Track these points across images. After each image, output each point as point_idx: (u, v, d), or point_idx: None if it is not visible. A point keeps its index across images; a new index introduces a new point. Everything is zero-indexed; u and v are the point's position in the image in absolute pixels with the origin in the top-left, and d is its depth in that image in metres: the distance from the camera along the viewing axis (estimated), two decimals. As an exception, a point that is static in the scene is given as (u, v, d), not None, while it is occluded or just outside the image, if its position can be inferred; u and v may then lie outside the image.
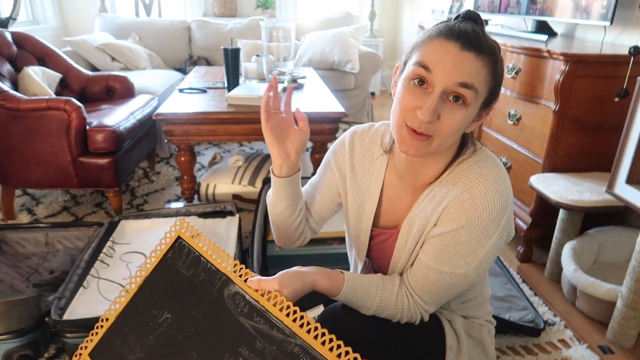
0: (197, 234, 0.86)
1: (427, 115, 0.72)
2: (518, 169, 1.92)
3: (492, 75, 0.75)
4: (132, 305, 0.85)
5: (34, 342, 1.29)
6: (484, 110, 0.79)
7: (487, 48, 0.74)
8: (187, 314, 0.79)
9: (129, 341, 0.82)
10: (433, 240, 0.82)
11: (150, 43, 3.71)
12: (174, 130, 1.95)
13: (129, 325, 0.83)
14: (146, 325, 0.82)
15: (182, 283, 0.83)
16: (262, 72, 2.54)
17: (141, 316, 0.83)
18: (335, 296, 0.83)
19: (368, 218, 0.95)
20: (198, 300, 0.80)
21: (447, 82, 0.72)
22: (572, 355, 1.37)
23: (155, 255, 0.88)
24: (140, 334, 0.81)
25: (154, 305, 0.83)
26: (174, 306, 0.82)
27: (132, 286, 0.87)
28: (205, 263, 0.82)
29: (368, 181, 0.95)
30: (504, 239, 0.82)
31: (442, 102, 0.73)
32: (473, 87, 0.72)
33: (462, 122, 0.75)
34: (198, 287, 0.81)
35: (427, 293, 0.83)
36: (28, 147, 1.93)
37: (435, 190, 0.84)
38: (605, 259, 1.70)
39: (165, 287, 0.84)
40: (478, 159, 0.82)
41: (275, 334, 0.71)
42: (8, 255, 1.79)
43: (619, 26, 1.92)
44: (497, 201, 0.77)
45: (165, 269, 0.86)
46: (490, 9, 2.56)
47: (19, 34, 2.42)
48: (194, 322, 0.78)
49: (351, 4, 4.75)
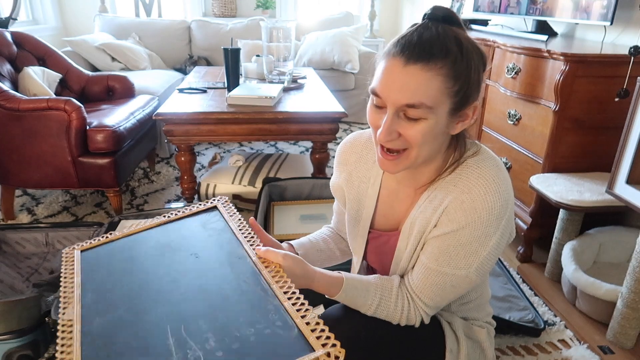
0: (234, 213, 0.97)
1: (382, 136, 0.75)
2: (518, 169, 1.92)
3: (452, 80, 0.72)
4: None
5: (34, 342, 1.29)
6: (459, 112, 0.76)
7: (439, 52, 0.71)
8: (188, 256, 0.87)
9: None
10: (434, 241, 0.82)
11: (150, 43, 3.71)
12: (174, 130, 1.95)
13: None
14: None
15: (198, 236, 0.92)
16: (262, 72, 2.54)
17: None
18: (335, 295, 0.83)
19: (365, 222, 0.96)
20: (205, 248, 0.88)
21: (395, 104, 0.73)
22: (572, 355, 1.37)
23: (189, 211, 1.00)
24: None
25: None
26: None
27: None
28: (230, 231, 0.91)
29: (365, 187, 0.95)
30: (505, 239, 0.82)
31: (399, 119, 0.74)
32: (422, 105, 0.71)
33: (426, 133, 0.74)
34: (210, 242, 0.90)
35: (427, 295, 0.83)
36: (28, 147, 1.93)
37: (435, 191, 0.83)
38: (605, 259, 1.70)
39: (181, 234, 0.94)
40: (478, 159, 0.81)
41: (258, 290, 0.75)
42: (8, 255, 1.79)
43: (619, 26, 1.92)
44: (497, 201, 0.77)
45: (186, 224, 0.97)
46: (490, 9, 2.56)
47: (19, 34, 2.42)
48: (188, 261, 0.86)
49: (351, 4, 4.75)
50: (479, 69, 0.76)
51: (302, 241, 1.06)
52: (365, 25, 4.22)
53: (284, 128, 2.01)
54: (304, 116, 2.02)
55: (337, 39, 3.56)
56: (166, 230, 0.96)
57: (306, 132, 2.04)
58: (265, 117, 1.97)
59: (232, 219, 0.94)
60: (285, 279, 0.75)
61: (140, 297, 0.77)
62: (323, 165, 2.17)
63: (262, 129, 2.00)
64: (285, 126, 2.01)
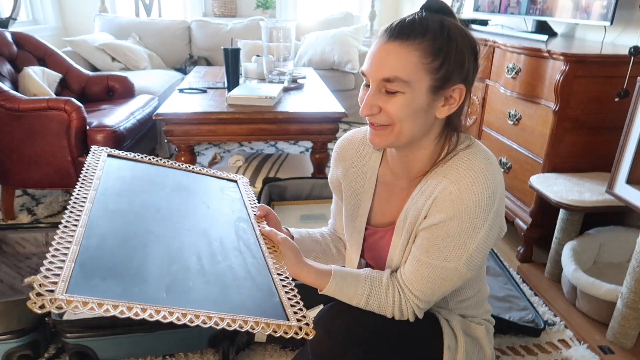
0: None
1: (364, 109, 0.79)
2: (518, 169, 1.92)
3: (430, 56, 0.74)
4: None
5: (34, 342, 1.29)
6: (440, 91, 0.77)
7: (419, 30, 0.75)
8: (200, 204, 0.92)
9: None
10: (424, 233, 0.83)
11: (150, 43, 3.71)
12: (174, 131, 1.95)
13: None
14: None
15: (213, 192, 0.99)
16: (262, 72, 2.55)
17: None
18: (325, 286, 0.84)
19: (362, 218, 0.96)
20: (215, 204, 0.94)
21: (375, 78, 0.78)
22: (572, 355, 1.37)
23: (212, 172, 1.06)
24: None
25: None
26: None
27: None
28: (242, 204, 0.98)
29: (362, 182, 0.96)
30: (495, 233, 0.82)
31: (380, 94, 0.78)
32: (397, 79, 0.75)
33: (405, 108, 0.77)
34: (223, 203, 0.96)
35: (418, 287, 0.84)
36: (28, 147, 1.93)
37: (427, 183, 0.84)
38: (605, 259, 1.70)
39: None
40: (469, 152, 0.82)
41: (253, 255, 0.81)
42: (8, 255, 1.79)
43: (619, 26, 1.92)
44: (484, 193, 0.77)
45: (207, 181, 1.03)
46: (490, 9, 2.56)
47: (19, 34, 2.42)
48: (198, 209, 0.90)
49: (351, 4, 4.75)
50: (464, 50, 0.77)
51: (300, 230, 1.09)
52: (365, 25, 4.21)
53: (284, 128, 2.01)
54: (304, 116, 2.02)
55: (337, 39, 3.56)
56: (188, 177, 1.01)
57: (306, 132, 2.04)
58: (265, 117, 1.97)
59: (248, 196, 1.01)
60: (280, 259, 0.82)
61: (147, 218, 0.79)
62: (323, 165, 2.17)
63: (262, 129, 2.00)
64: (285, 126, 2.01)
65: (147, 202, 0.84)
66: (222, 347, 1.30)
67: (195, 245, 0.77)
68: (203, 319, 0.61)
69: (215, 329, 0.72)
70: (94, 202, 0.76)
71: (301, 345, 1.31)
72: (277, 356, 1.35)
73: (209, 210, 0.90)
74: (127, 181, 0.89)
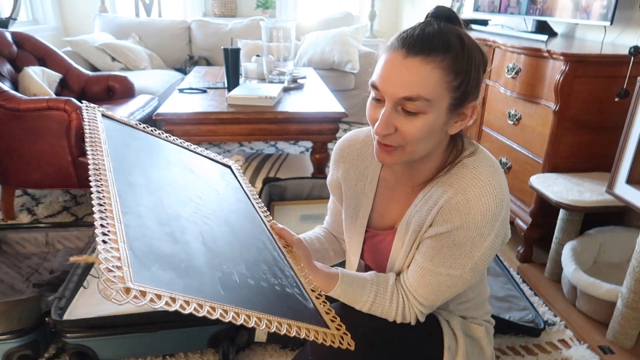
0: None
1: (380, 129, 0.74)
2: (518, 169, 1.92)
3: (452, 74, 0.71)
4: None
5: (34, 342, 1.29)
6: (457, 109, 0.76)
7: (441, 46, 0.70)
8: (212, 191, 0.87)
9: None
10: (428, 241, 0.83)
11: (150, 43, 3.71)
12: (174, 131, 1.95)
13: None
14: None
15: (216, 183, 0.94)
16: (262, 72, 2.55)
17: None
18: (331, 290, 0.83)
19: (362, 220, 0.96)
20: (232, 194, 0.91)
21: (394, 97, 0.72)
22: (573, 355, 1.37)
23: (206, 153, 1.01)
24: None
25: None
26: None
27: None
28: (244, 193, 0.96)
29: (362, 185, 0.95)
30: (500, 240, 0.82)
31: (397, 114, 0.74)
32: (420, 98, 0.71)
33: (423, 129, 0.73)
34: (228, 191, 0.92)
35: (422, 294, 0.83)
36: (28, 147, 1.93)
37: (431, 191, 0.83)
38: (605, 259, 1.70)
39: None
40: (475, 159, 0.81)
41: (276, 253, 0.78)
42: (8, 255, 1.79)
43: (619, 26, 1.92)
44: (492, 203, 0.77)
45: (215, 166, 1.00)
46: (490, 9, 2.56)
47: (19, 34, 2.42)
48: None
49: (351, 4, 4.75)
50: (480, 67, 0.76)
51: (303, 235, 1.08)
52: (365, 25, 4.22)
53: (284, 128, 2.01)
54: (304, 116, 2.02)
55: (337, 39, 3.56)
56: (185, 154, 0.92)
57: (306, 132, 2.04)
58: (265, 117, 1.97)
59: (245, 184, 0.99)
60: (298, 261, 0.78)
61: (170, 199, 0.70)
62: (323, 165, 2.17)
63: (262, 129, 2.00)
64: (285, 126, 2.01)
65: (163, 179, 0.75)
66: (222, 347, 1.30)
67: (225, 236, 0.70)
68: (266, 322, 0.56)
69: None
70: (114, 172, 0.66)
71: (301, 346, 1.31)
72: (277, 356, 1.35)
73: (220, 197, 0.84)
74: (133, 151, 0.79)
